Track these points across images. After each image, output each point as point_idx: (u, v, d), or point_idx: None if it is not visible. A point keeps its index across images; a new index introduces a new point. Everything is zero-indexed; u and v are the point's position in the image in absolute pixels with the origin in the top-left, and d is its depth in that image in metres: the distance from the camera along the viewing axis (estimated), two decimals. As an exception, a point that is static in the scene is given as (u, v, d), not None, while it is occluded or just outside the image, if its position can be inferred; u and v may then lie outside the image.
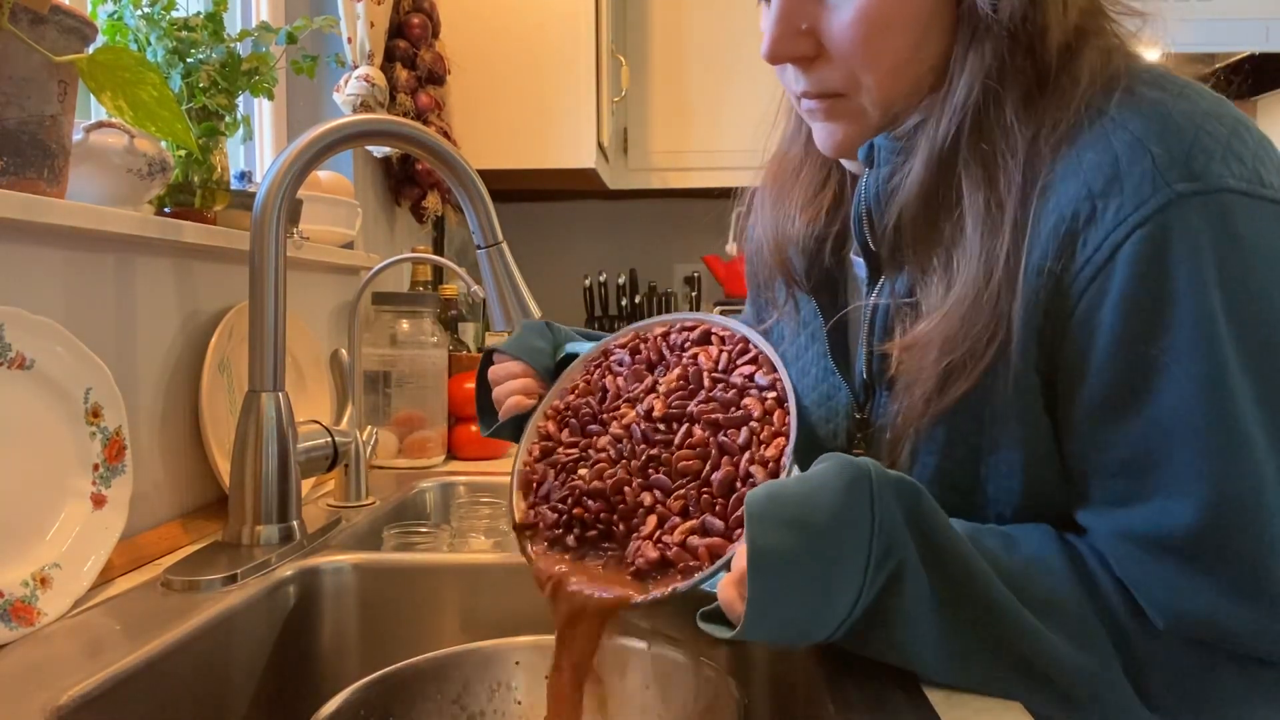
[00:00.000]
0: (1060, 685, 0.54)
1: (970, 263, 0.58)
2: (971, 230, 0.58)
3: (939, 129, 0.60)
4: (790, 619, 0.52)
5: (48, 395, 0.73)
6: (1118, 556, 0.56)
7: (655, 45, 2.21)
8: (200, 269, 1.00)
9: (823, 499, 0.51)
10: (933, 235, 0.61)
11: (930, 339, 0.58)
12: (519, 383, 0.77)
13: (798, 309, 0.78)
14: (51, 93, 0.70)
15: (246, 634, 0.74)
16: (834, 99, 0.64)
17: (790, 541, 0.50)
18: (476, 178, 0.89)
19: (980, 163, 0.58)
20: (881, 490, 0.52)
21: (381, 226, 1.68)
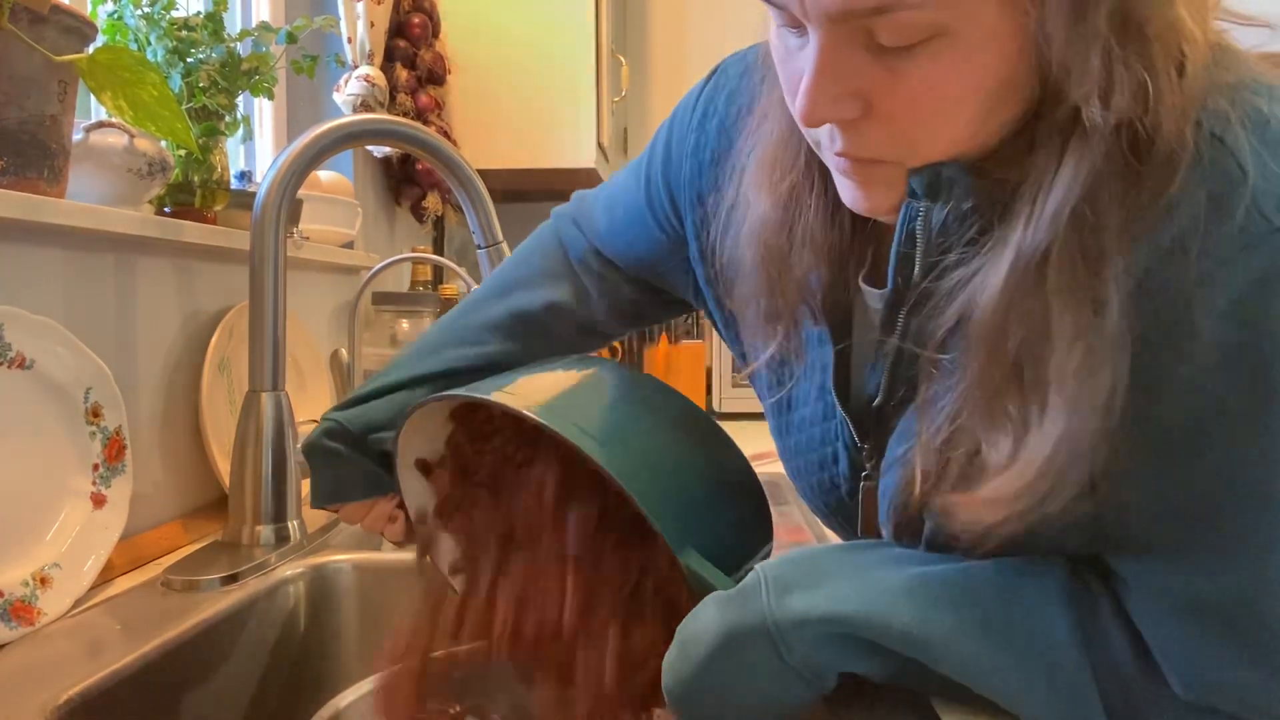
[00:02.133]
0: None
1: (1061, 403, 0.47)
2: (1064, 363, 0.47)
3: (1028, 229, 0.48)
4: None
5: (48, 395, 0.72)
6: (1148, 613, 0.50)
7: (655, 45, 2.21)
8: (200, 269, 1.00)
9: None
10: (1009, 355, 0.49)
11: (1000, 497, 0.49)
12: (371, 520, 0.70)
13: (799, 336, 0.65)
14: (51, 93, 0.70)
15: (246, 634, 0.74)
16: (876, 164, 0.53)
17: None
18: (476, 178, 0.89)
19: (1076, 284, 0.47)
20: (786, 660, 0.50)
21: (381, 226, 1.68)
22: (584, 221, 0.80)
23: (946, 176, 0.52)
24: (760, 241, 0.62)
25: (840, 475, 0.64)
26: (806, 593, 0.50)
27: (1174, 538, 0.49)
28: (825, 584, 0.51)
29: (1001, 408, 0.49)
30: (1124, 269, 0.46)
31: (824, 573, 0.52)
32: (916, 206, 0.54)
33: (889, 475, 0.58)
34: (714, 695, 0.50)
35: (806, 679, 0.50)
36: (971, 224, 0.52)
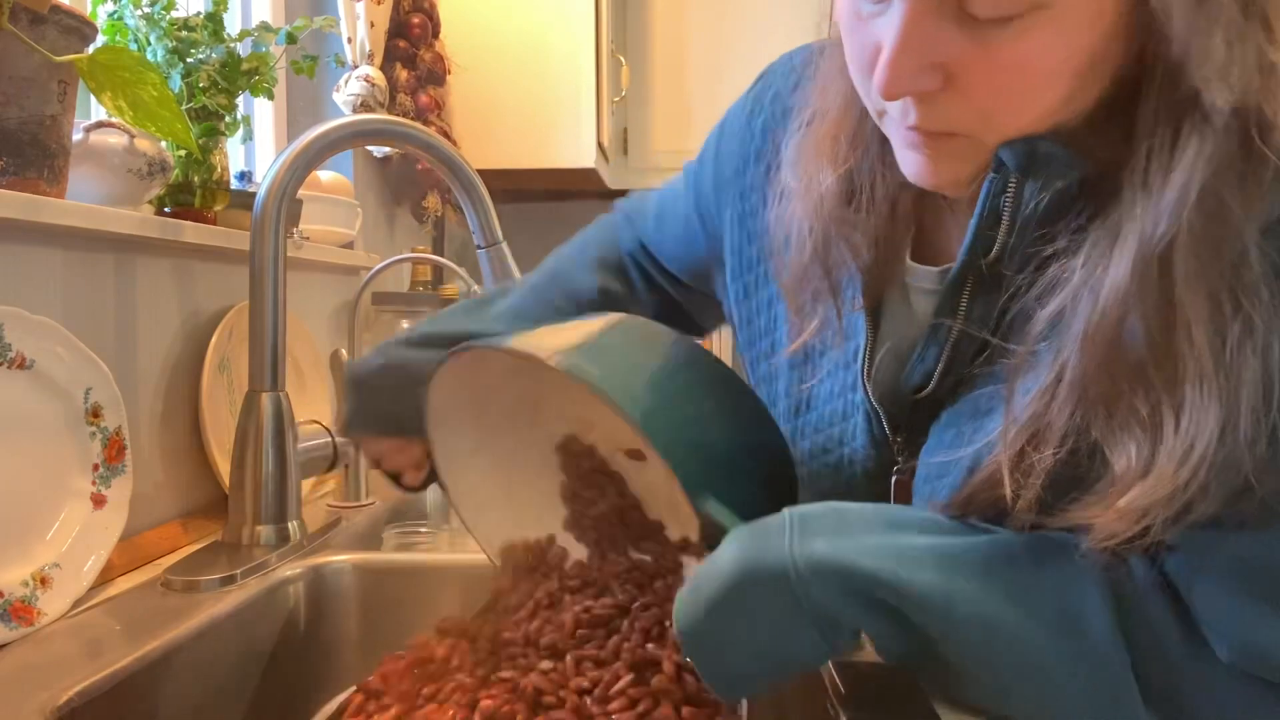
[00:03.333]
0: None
1: (1199, 414, 0.44)
2: (1199, 369, 0.44)
3: (1149, 223, 0.45)
4: (747, 670, 0.49)
5: (48, 395, 0.72)
6: (1199, 577, 0.48)
7: (655, 45, 2.21)
8: (200, 269, 1.00)
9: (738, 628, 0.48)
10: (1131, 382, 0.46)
11: (1137, 506, 0.45)
12: (391, 464, 0.70)
13: (840, 320, 0.62)
14: (51, 93, 0.70)
15: (246, 634, 0.74)
16: (951, 137, 0.50)
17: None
18: (476, 178, 0.89)
19: (1206, 272, 0.44)
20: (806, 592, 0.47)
21: (381, 226, 1.68)
22: (637, 218, 0.83)
23: (1044, 152, 0.49)
24: (817, 214, 0.59)
25: (857, 472, 0.61)
26: (832, 540, 0.47)
27: (1247, 507, 0.45)
28: (852, 535, 0.48)
29: (1127, 409, 0.46)
30: (1259, 254, 0.44)
31: (851, 525, 0.49)
32: (1003, 182, 0.51)
33: (938, 471, 0.56)
34: (723, 636, 0.48)
35: (820, 630, 0.47)
36: (1081, 209, 0.49)
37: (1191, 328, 0.44)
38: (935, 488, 0.56)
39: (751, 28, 2.18)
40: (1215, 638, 0.47)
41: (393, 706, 0.59)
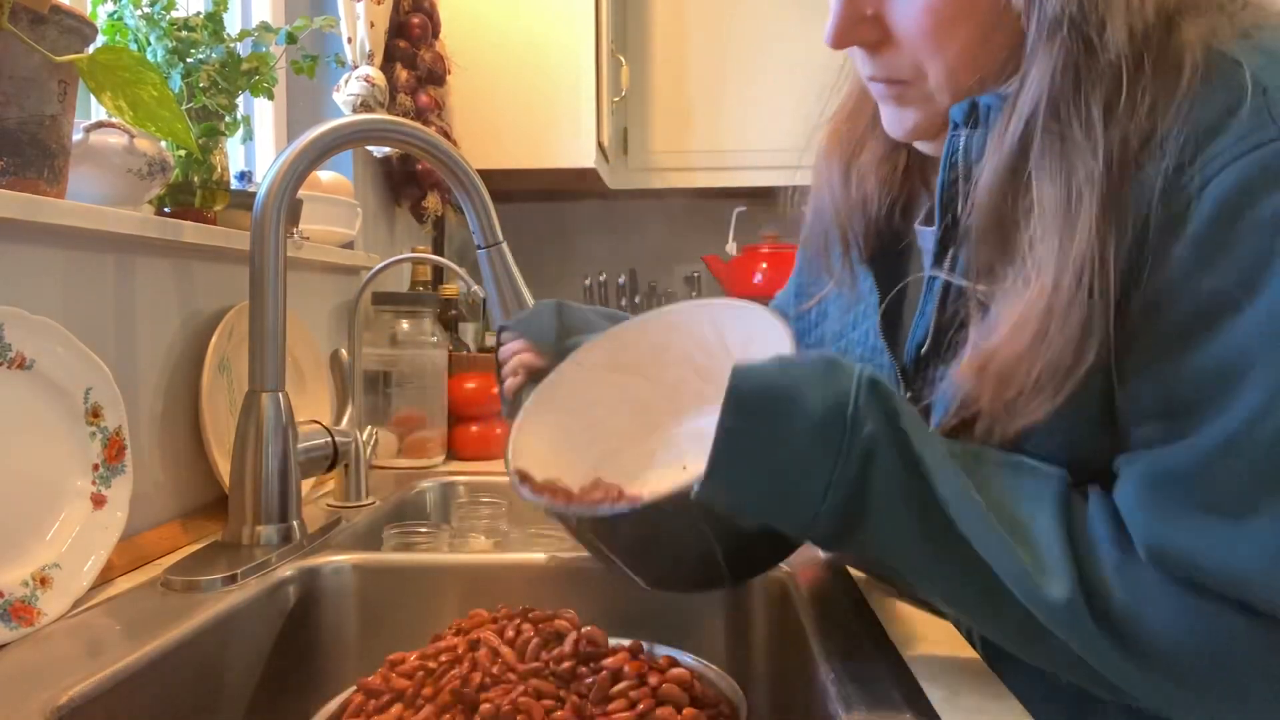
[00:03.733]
0: (1017, 613, 0.54)
1: (1045, 270, 0.55)
2: (1046, 233, 0.55)
3: (1009, 126, 0.57)
4: (758, 474, 0.54)
5: (48, 395, 0.72)
6: (1123, 487, 0.56)
7: (655, 45, 2.21)
8: (200, 269, 1.00)
9: (800, 375, 0.55)
10: (1007, 236, 0.59)
11: (1004, 360, 0.56)
12: (516, 359, 0.81)
13: (854, 281, 0.76)
14: (51, 93, 0.70)
15: (246, 634, 0.74)
16: (902, 85, 0.64)
17: (764, 402, 0.54)
18: (476, 178, 0.89)
19: (1057, 158, 0.56)
20: (863, 384, 0.55)
21: (381, 226, 1.68)
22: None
23: (983, 104, 0.60)
24: (828, 187, 0.76)
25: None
26: (893, 402, 0.55)
27: (1161, 430, 0.55)
28: (907, 419, 0.55)
29: (1002, 258, 0.58)
30: (1118, 158, 0.54)
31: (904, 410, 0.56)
32: (957, 138, 0.62)
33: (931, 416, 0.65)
34: (757, 431, 0.54)
35: (838, 468, 0.54)
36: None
37: (1044, 196, 0.56)
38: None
39: (751, 28, 2.18)
40: (1137, 542, 0.54)
41: (393, 706, 0.59)
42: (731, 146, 2.20)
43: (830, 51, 0.65)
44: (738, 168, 2.22)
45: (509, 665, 0.59)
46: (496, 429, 1.53)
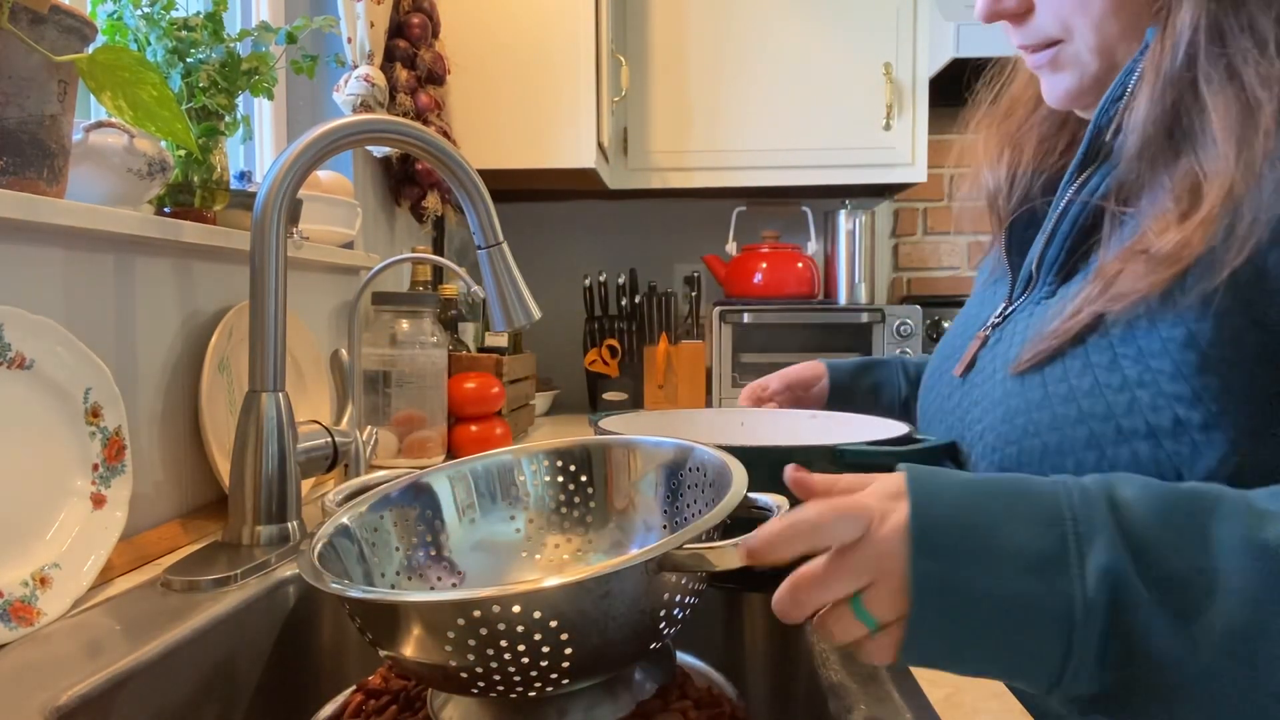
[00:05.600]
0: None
1: (1218, 177, 0.58)
2: (1221, 140, 0.58)
3: (1164, 53, 0.62)
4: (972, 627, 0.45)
5: (48, 395, 0.72)
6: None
7: (655, 45, 2.21)
8: (200, 269, 1.00)
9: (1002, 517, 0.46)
10: (1158, 155, 0.63)
11: (1170, 243, 0.58)
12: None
13: (1001, 255, 0.81)
14: (51, 93, 0.70)
15: (246, 634, 0.74)
16: (1052, 48, 0.70)
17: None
18: (476, 178, 0.89)
19: (1224, 72, 0.60)
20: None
21: (381, 226, 1.68)
22: None
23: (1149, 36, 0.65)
24: (987, 170, 0.82)
25: (973, 334, 0.78)
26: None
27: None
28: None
29: (1135, 194, 0.64)
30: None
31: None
32: (1133, 66, 0.66)
33: (1034, 313, 0.70)
34: (963, 580, 0.45)
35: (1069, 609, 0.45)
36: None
37: (1213, 107, 0.60)
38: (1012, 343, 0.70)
39: (751, 28, 2.18)
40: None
41: (392, 706, 0.59)
42: (731, 146, 2.21)
43: (829, 51, 0.69)
44: (738, 168, 2.22)
45: None
46: (496, 429, 1.53)
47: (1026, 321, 0.70)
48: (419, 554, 0.65)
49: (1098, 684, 0.45)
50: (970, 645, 0.45)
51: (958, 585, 0.45)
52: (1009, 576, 0.44)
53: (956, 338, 0.82)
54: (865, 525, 0.46)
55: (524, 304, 0.92)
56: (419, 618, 0.47)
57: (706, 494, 0.62)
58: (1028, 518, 0.46)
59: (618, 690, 0.55)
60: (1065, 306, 0.65)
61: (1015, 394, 0.66)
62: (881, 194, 2.49)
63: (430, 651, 0.48)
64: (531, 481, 0.70)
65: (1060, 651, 0.44)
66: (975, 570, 0.45)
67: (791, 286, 2.29)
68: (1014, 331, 0.71)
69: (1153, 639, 0.44)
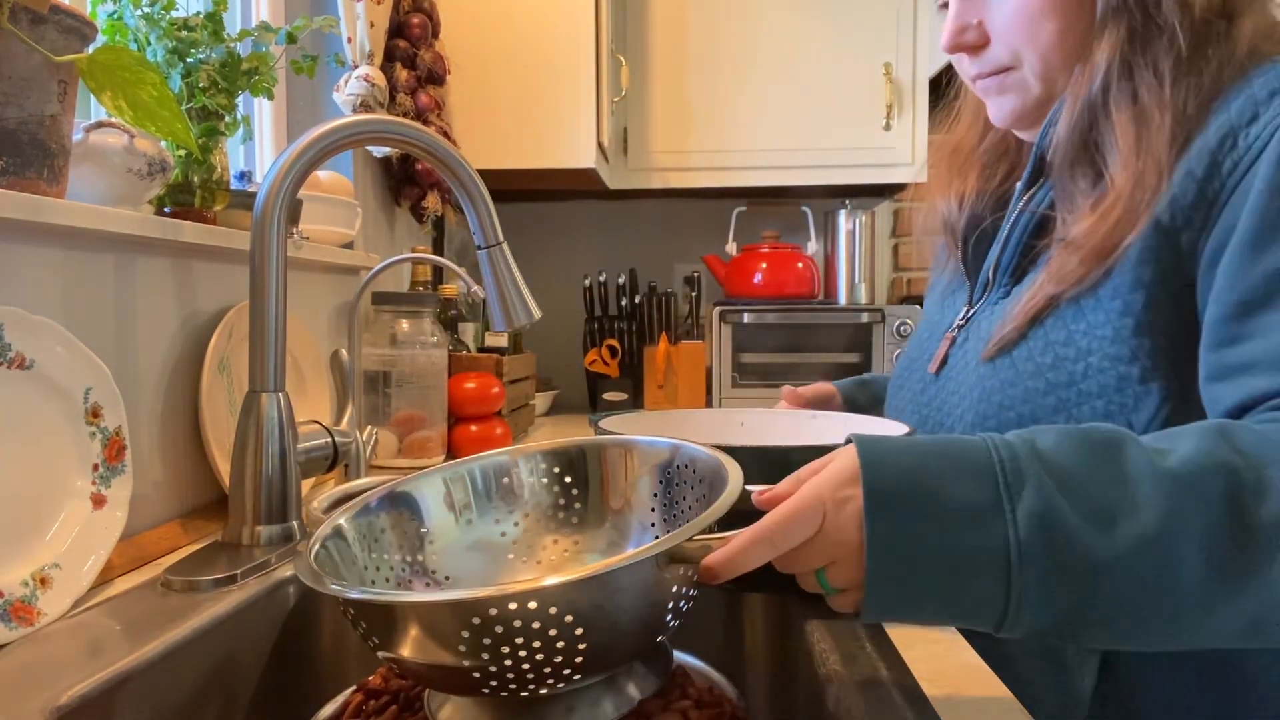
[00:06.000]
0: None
1: (1121, 174, 0.71)
2: (1123, 147, 0.72)
3: (1083, 81, 0.76)
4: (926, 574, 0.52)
5: (48, 395, 0.72)
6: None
7: (655, 45, 2.21)
8: (200, 269, 1.00)
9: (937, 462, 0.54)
10: (1083, 164, 0.76)
11: (1083, 239, 0.72)
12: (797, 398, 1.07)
13: (960, 270, 0.91)
14: (51, 93, 0.70)
15: (246, 634, 0.74)
16: (1002, 74, 0.82)
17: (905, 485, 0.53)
18: (476, 178, 0.89)
19: (1129, 96, 0.74)
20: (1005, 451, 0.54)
21: (381, 226, 1.68)
22: None
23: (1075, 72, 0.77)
24: (938, 195, 0.94)
25: (940, 336, 0.88)
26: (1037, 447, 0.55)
27: (1233, 330, 0.65)
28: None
29: (1079, 179, 0.75)
30: (1185, 100, 0.71)
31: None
32: (1057, 106, 0.78)
33: (995, 310, 0.81)
34: (916, 505, 0.52)
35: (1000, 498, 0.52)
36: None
37: (1119, 129, 0.73)
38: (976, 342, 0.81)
39: (751, 28, 2.18)
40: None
41: (392, 706, 0.59)
42: (731, 146, 2.21)
43: (829, 51, 0.73)
44: (738, 168, 2.22)
45: None
46: (496, 429, 1.53)
47: (989, 319, 0.81)
48: (416, 556, 0.65)
49: (1042, 620, 0.52)
50: (922, 596, 0.52)
51: (908, 542, 0.51)
52: (952, 529, 0.51)
53: (923, 342, 0.93)
54: (819, 519, 0.53)
55: (524, 304, 0.92)
56: (434, 618, 0.47)
57: (698, 490, 0.63)
58: (966, 474, 0.53)
59: (620, 687, 0.55)
60: (1022, 294, 0.77)
61: (989, 377, 0.77)
62: (881, 194, 2.49)
63: (441, 652, 0.48)
64: (528, 482, 0.70)
65: (1001, 593, 0.51)
66: (921, 526, 0.51)
67: (791, 286, 2.29)
68: (979, 328, 0.83)
69: (1086, 556, 0.51)
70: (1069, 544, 0.51)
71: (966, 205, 0.90)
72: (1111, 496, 0.52)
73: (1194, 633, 0.53)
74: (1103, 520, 0.52)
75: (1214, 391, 0.66)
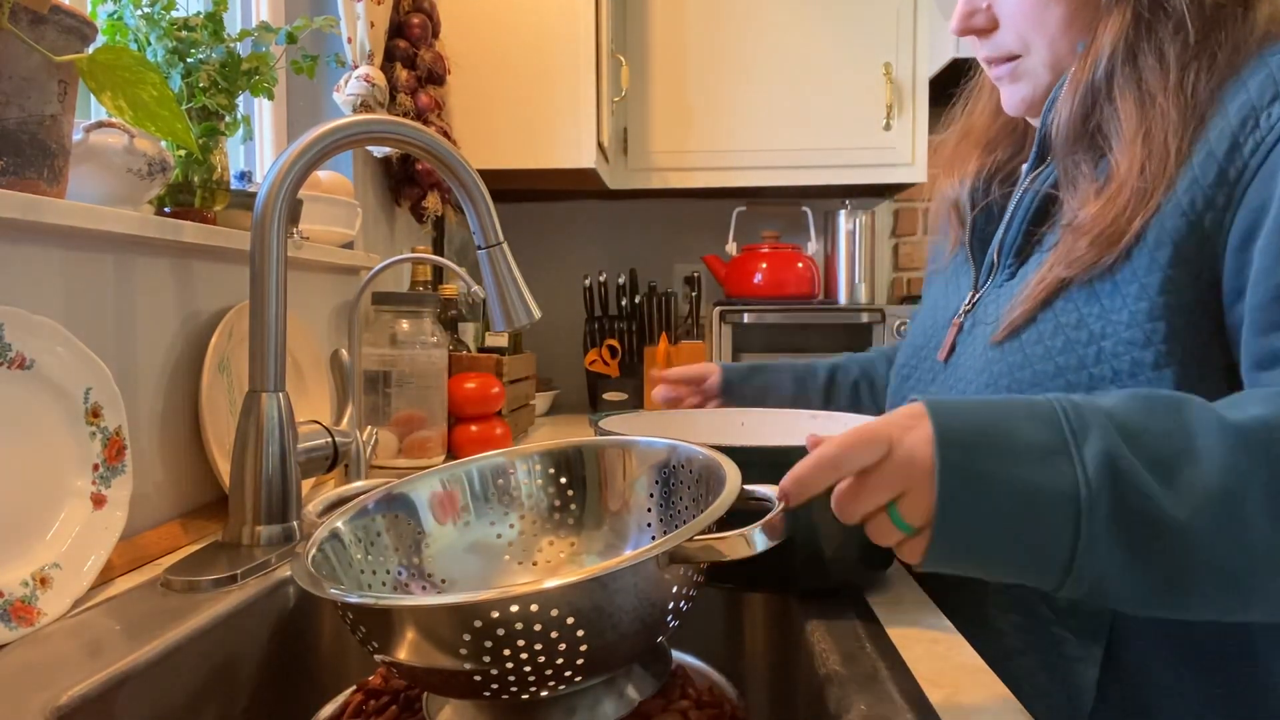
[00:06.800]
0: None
1: (1125, 158, 0.72)
2: (1127, 131, 0.72)
3: (1085, 66, 0.76)
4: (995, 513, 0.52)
5: (48, 395, 0.72)
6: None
7: (655, 45, 2.21)
8: (200, 269, 1.00)
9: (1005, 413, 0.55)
10: (1085, 148, 0.76)
11: (1089, 224, 0.71)
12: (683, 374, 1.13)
13: (965, 252, 0.91)
14: (51, 93, 0.70)
15: (246, 634, 0.74)
16: (1012, 61, 0.82)
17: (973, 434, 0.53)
18: (476, 178, 0.89)
19: (1134, 82, 0.73)
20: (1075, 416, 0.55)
21: (381, 226, 1.68)
22: None
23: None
24: (945, 176, 0.94)
25: (947, 322, 0.88)
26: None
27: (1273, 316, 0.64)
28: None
29: (1082, 163, 0.76)
30: (1181, 83, 0.71)
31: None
32: (1058, 89, 0.78)
33: (993, 310, 0.81)
34: (989, 445, 0.53)
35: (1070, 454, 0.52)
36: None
37: (1123, 116, 0.73)
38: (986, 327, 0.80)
39: (751, 28, 2.18)
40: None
41: (392, 706, 0.59)
42: (731, 146, 2.21)
43: (829, 51, 0.73)
44: (738, 168, 2.22)
45: None
46: (496, 429, 1.53)
47: (996, 303, 0.81)
48: (413, 559, 0.65)
49: (1109, 569, 0.52)
50: (993, 532, 0.52)
51: (979, 474, 0.51)
52: (1021, 465, 0.52)
53: (928, 330, 0.93)
54: (886, 446, 0.53)
55: (524, 304, 0.92)
56: (434, 622, 0.47)
57: (695, 490, 0.63)
58: (1031, 419, 0.54)
59: (620, 688, 0.55)
60: (1030, 279, 0.76)
61: (997, 361, 0.76)
62: (881, 194, 2.49)
63: (441, 655, 0.47)
64: (525, 484, 0.70)
65: (1070, 535, 0.51)
66: (992, 461, 0.52)
67: (791, 286, 2.29)
68: (986, 313, 0.82)
69: (1150, 506, 0.51)
70: (1134, 490, 0.51)
71: (971, 184, 0.90)
72: (1175, 447, 0.52)
73: (1265, 595, 0.53)
74: (1166, 469, 0.52)
75: (1261, 378, 0.64)
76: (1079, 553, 0.51)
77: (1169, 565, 0.52)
